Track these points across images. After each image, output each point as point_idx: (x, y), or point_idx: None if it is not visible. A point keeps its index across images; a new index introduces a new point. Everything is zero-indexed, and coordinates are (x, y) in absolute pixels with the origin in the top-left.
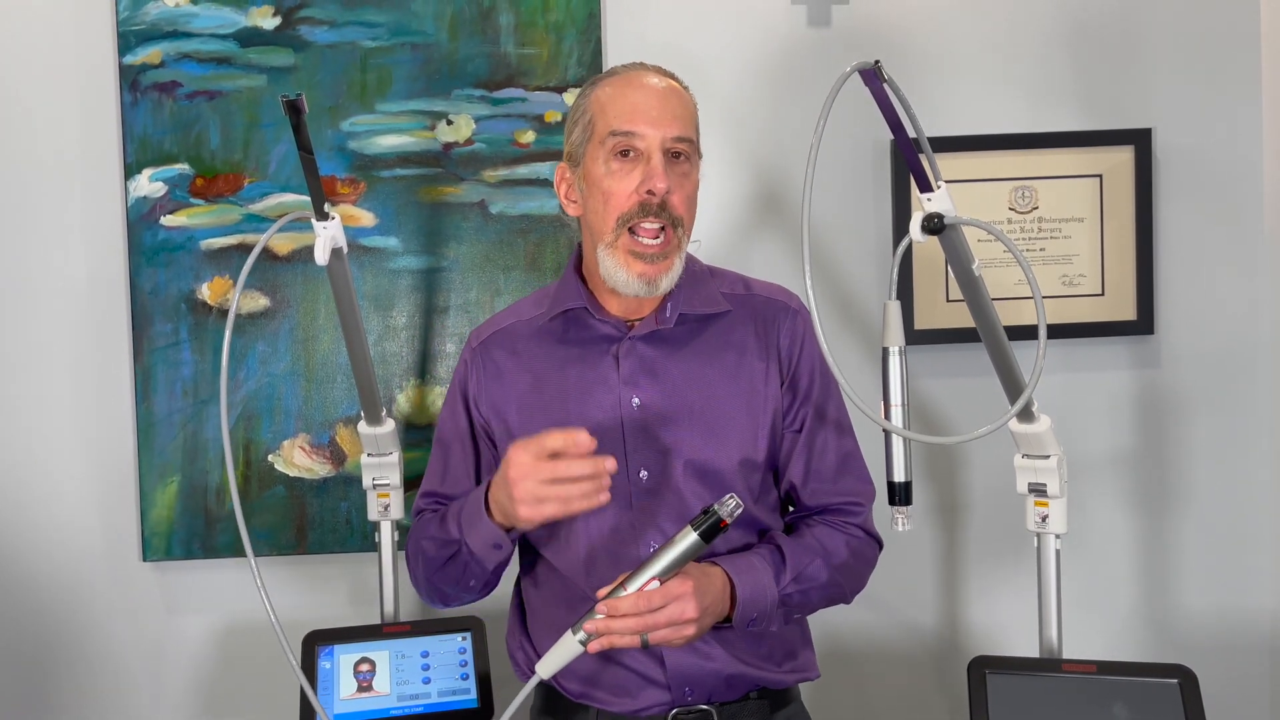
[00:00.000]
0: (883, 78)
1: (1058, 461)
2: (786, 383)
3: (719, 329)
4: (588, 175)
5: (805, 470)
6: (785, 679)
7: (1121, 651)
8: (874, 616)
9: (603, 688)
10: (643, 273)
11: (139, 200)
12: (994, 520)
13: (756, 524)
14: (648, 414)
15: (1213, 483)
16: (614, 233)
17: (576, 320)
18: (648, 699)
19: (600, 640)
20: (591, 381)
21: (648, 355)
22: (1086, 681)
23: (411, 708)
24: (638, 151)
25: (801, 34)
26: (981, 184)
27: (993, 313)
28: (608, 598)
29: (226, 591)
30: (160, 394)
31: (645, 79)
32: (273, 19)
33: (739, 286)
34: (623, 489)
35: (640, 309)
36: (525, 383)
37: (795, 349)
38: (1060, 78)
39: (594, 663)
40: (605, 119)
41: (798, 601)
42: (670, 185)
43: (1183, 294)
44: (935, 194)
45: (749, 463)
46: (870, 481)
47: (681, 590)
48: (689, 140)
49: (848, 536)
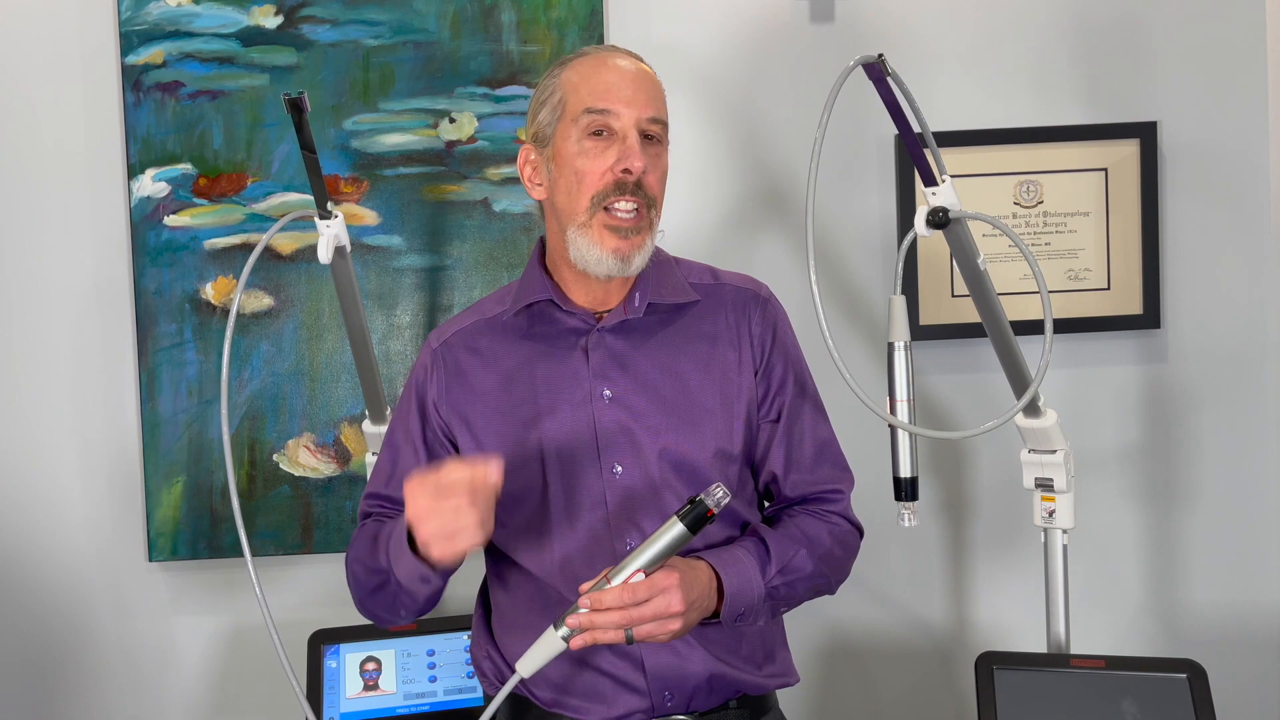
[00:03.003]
0: (887, 71)
1: (1064, 456)
2: (760, 372)
3: (689, 319)
4: (558, 155)
5: (786, 460)
6: (765, 684)
7: (1129, 647)
8: (880, 612)
9: (576, 694)
10: (617, 248)
11: (142, 200)
12: (1000, 516)
13: (737, 518)
14: (619, 407)
15: (1220, 477)
16: (588, 212)
17: (542, 314)
18: (624, 705)
19: (584, 636)
20: (561, 376)
21: (617, 347)
22: (1095, 677)
23: (418, 706)
24: (612, 131)
25: (804, 29)
26: (986, 178)
27: (998, 307)
28: (591, 591)
29: (232, 592)
30: (165, 394)
31: (616, 60)
32: (275, 18)
33: (706, 276)
34: (597, 484)
35: (608, 300)
36: (491, 381)
37: (767, 337)
38: (1065, 71)
39: (567, 667)
40: (578, 98)
41: (784, 594)
42: (645, 165)
43: (1189, 288)
44: (940, 188)
45: (725, 454)
46: (848, 469)
47: (667, 583)
48: (662, 122)
49: (830, 525)
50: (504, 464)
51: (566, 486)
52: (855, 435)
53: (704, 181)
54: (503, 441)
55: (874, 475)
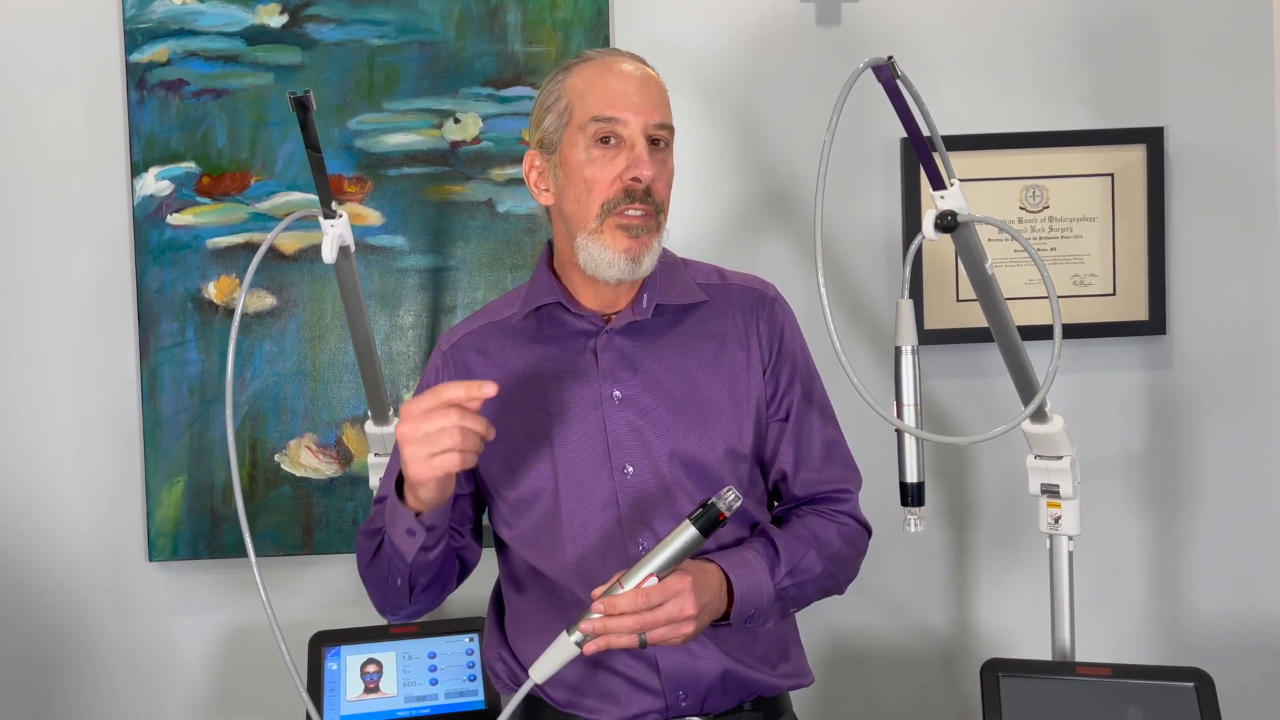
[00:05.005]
0: (896, 74)
1: (1071, 462)
2: (769, 371)
3: (697, 319)
4: (565, 162)
5: (795, 458)
6: (779, 684)
7: (1134, 654)
8: (883, 617)
9: (591, 695)
10: (628, 248)
11: (145, 199)
12: (1004, 521)
13: (747, 518)
14: (629, 407)
15: (1225, 484)
16: (598, 219)
17: (551, 317)
18: (639, 706)
19: (597, 641)
20: (570, 377)
21: (626, 348)
22: (1101, 685)
23: (419, 709)
24: (620, 138)
25: (811, 32)
26: (992, 183)
27: (1006, 312)
28: (604, 596)
29: (233, 592)
30: (167, 393)
31: (622, 65)
32: (280, 17)
33: (714, 276)
34: (608, 485)
35: (616, 302)
36: (501, 384)
37: (775, 337)
38: (1072, 76)
39: (582, 669)
40: (585, 105)
41: (794, 595)
42: (654, 172)
43: (1195, 294)
44: (949, 191)
45: (735, 453)
46: (856, 468)
47: (680, 586)
48: (669, 127)
49: (839, 525)
50: (500, 457)
51: (578, 488)
52: (860, 439)
53: (709, 183)
54: (513, 443)
55: (879, 480)
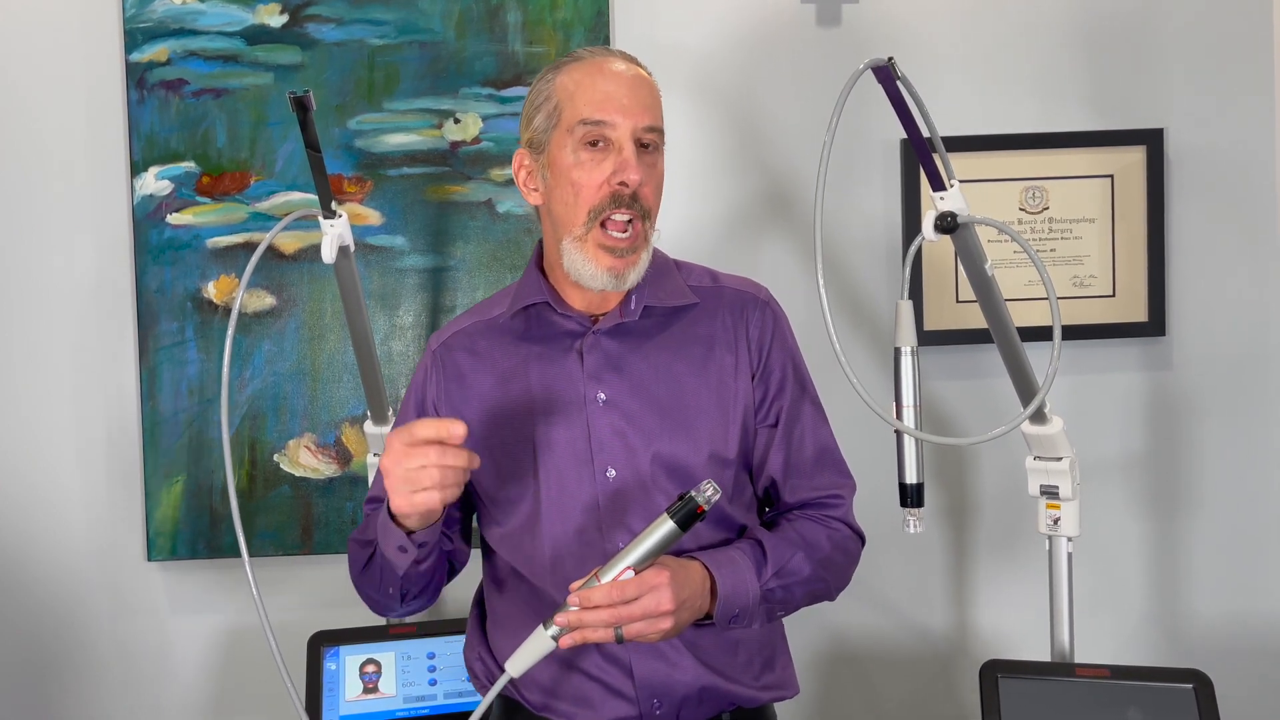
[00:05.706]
0: (897, 75)
1: (1070, 464)
2: (758, 376)
3: (686, 322)
4: (554, 164)
5: (785, 464)
6: (760, 696)
7: (1133, 656)
8: (881, 618)
9: (565, 699)
10: (611, 267)
11: (145, 198)
12: (1003, 522)
13: (733, 523)
14: (614, 410)
15: (1225, 485)
16: (584, 225)
17: (538, 316)
18: (612, 711)
19: (573, 634)
20: (555, 378)
21: (612, 349)
22: (1100, 686)
23: (417, 710)
24: (608, 141)
25: (811, 32)
26: (992, 184)
27: (1005, 313)
28: (581, 589)
29: (231, 592)
30: (166, 393)
31: (613, 65)
32: (280, 17)
33: (706, 279)
34: (589, 487)
35: (604, 303)
36: (488, 383)
37: (766, 341)
38: (1072, 77)
39: (556, 671)
40: (574, 107)
41: (780, 597)
42: (641, 176)
43: (1195, 295)
44: (948, 192)
45: (719, 458)
46: (849, 474)
47: (657, 580)
48: (658, 130)
49: (829, 530)
50: (486, 457)
51: (559, 489)
52: (860, 440)
53: (708, 184)
54: (499, 444)
55: (877, 481)
